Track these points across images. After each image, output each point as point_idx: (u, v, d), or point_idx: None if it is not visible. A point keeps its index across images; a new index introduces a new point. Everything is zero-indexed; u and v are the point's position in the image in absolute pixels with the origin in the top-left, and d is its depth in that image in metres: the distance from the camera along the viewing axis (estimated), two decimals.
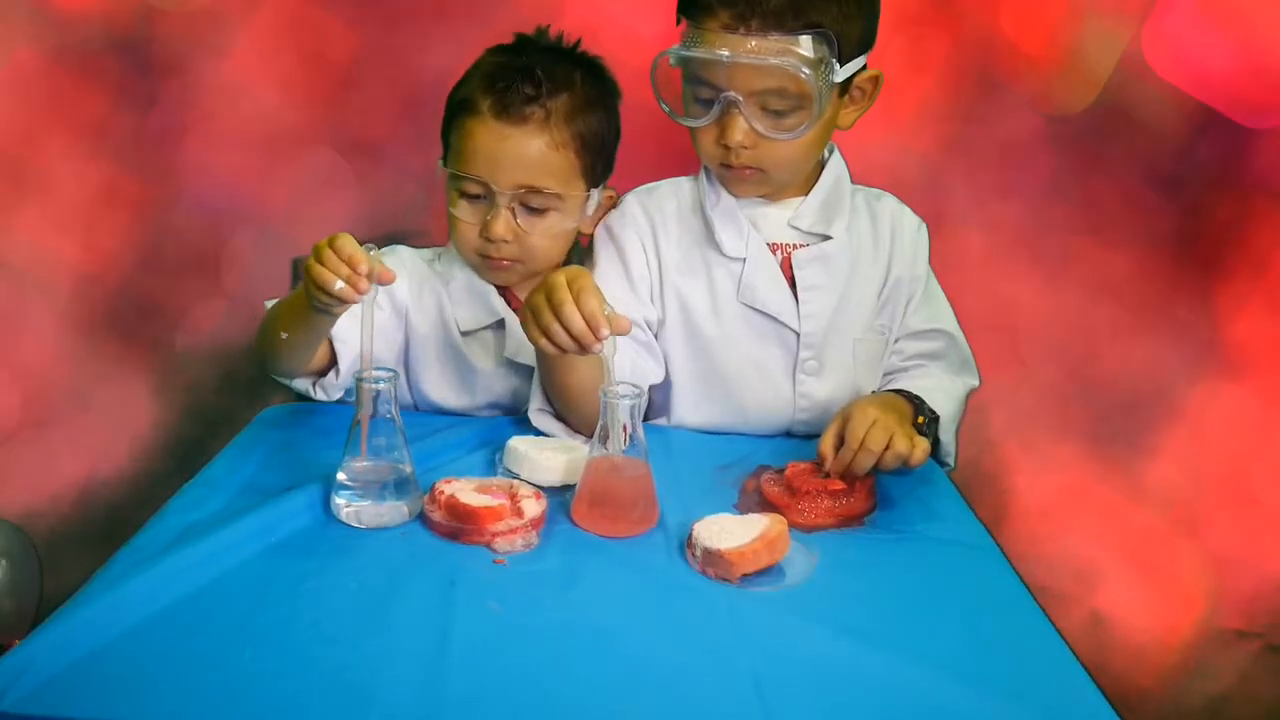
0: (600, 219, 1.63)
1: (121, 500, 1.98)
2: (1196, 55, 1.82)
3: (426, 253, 1.69)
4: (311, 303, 1.30)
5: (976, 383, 1.66)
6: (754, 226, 1.59)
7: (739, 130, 1.47)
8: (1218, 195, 1.88)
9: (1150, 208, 1.89)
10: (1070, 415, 1.99)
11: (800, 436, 1.63)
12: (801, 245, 1.60)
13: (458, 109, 1.56)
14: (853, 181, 1.64)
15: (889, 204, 1.66)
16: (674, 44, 1.46)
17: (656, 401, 1.64)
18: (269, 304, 1.53)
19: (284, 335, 1.41)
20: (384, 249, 1.62)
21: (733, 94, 1.45)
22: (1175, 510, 1.97)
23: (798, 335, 1.59)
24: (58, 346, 1.93)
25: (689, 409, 1.63)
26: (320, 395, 1.54)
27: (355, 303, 1.26)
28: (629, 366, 1.55)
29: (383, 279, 1.26)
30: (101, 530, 1.95)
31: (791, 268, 1.59)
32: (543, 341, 1.30)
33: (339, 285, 1.24)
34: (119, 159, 1.90)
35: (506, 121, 1.52)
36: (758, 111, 1.46)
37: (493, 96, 1.52)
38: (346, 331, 1.47)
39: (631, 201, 1.64)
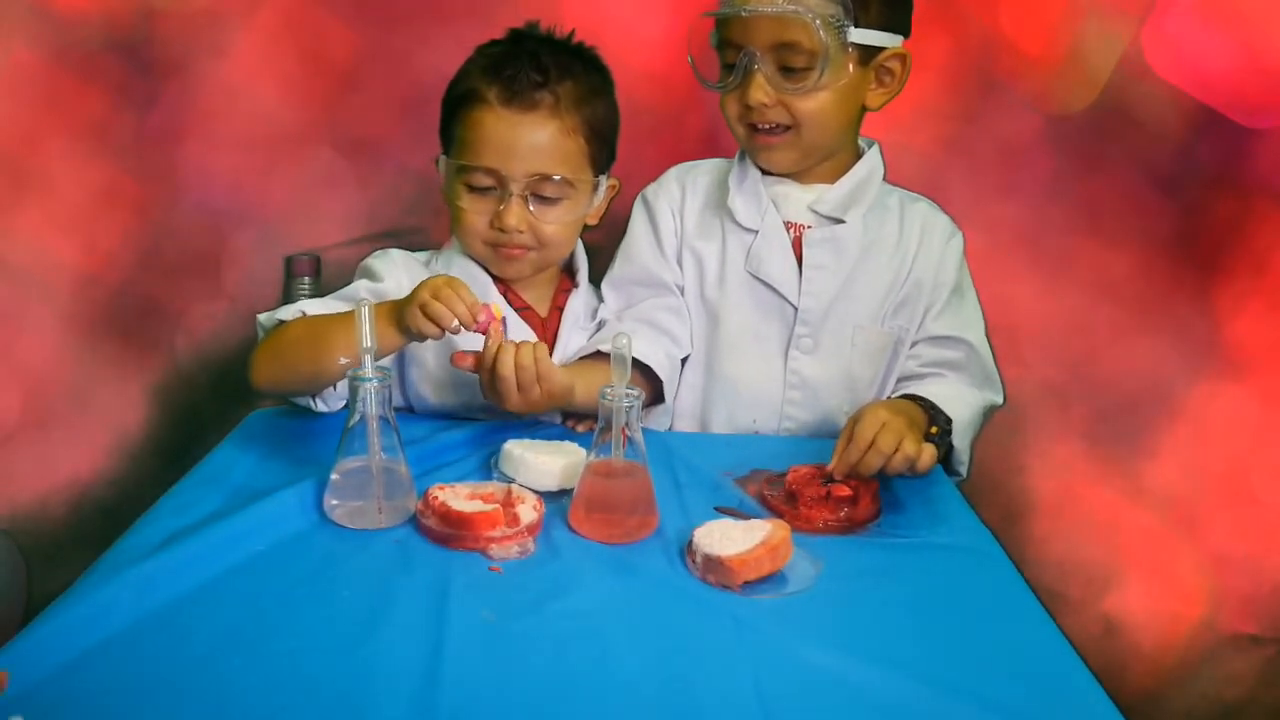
0: (605, 208, 1.65)
1: (113, 503, 1.97)
2: (1196, 55, 1.81)
3: (421, 255, 1.68)
4: (413, 331, 1.37)
5: (999, 400, 1.66)
6: (775, 205, 1.64)
7: (758, 88, 1.52)
8: (1218, 195, 1.87)
9: (1150, 208, 1.89)
10: (1070, 415, 1.99)
11: (792, 433, 1.65)
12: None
13: (460, 101, 1.55)
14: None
15: (922, 207, 1.69)
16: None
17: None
18: (266, 319, 1.49)
19: (343, 360, 1.38)
20: (375, 253, 1.64)
21: (751, 49, 1.50)
22: (1175, 510, 1.97)
23: (796, 310, 1.63)
24: (57, 347, 1.93)
25: (684, 374, 1.67)
26: (321, 407, 1.50)
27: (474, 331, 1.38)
28: (665, 357, 1.61)
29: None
30: (91, 534, 1.94)
31: (802, 246, 1.63)
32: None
33: (455, 323, 1.35)
34: (119, 159, 1.90)
35: (516, 108, 1.52)
36: (775, 70, 1.51)
37: (500, 84, 1.52)
38: None
39: (671, 175, 1.73)
